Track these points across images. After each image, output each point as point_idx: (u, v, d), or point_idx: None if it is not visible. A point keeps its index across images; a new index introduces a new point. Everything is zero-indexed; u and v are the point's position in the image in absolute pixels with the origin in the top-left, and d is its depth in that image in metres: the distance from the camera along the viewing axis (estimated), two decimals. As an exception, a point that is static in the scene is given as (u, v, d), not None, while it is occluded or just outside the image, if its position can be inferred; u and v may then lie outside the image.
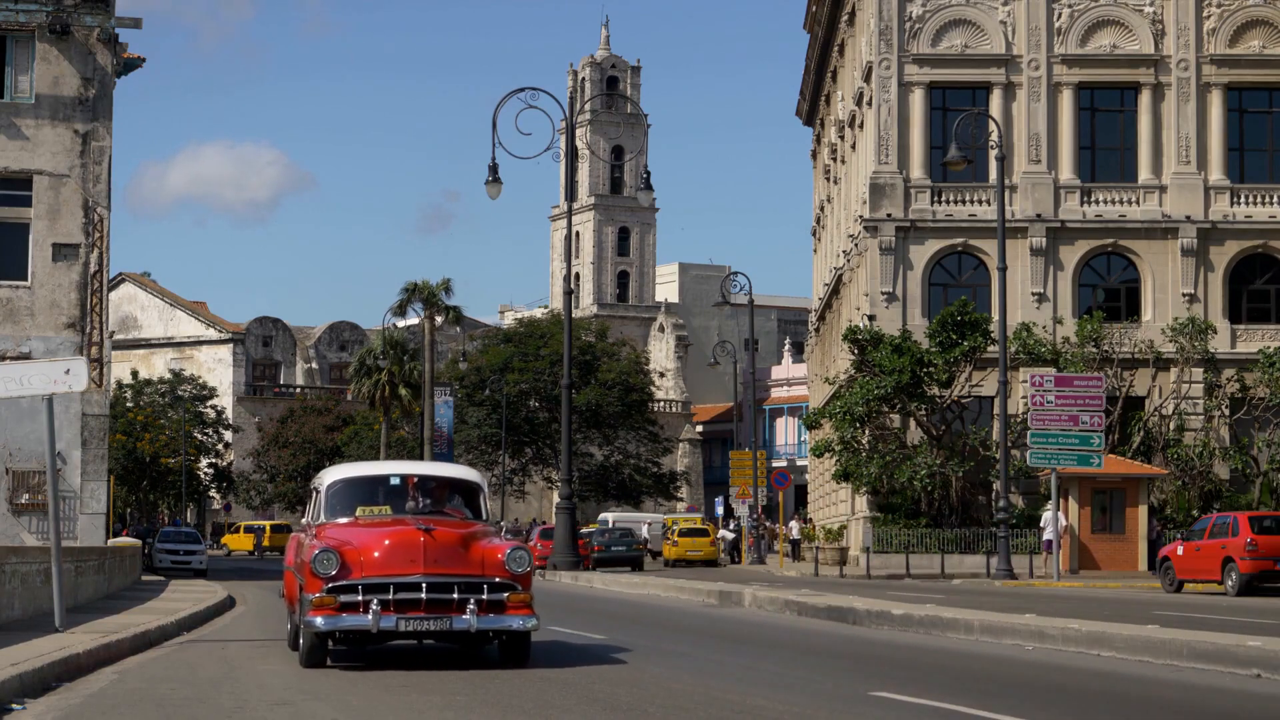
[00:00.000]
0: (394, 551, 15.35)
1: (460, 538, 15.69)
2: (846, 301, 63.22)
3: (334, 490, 17.16)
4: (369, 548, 15.42)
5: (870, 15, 57.42)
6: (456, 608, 15.25)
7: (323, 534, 16.11)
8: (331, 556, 15.23)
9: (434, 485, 17.51)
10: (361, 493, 17.22)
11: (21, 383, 19.37)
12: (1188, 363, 53.76)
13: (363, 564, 15.29)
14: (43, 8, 41.67)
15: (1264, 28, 56.22)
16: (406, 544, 15.39)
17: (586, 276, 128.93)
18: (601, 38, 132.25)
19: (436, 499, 17.25)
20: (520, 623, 15.43)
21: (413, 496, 17.04)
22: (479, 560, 15.49)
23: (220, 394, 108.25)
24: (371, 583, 15.20)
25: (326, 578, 15.19)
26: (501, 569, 15.48)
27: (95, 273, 41.73)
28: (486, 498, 17.52)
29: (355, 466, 19.14)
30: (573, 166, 46.45)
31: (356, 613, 15.12)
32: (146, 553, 52.54)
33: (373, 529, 15.95)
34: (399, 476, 17.45)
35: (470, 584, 15.36)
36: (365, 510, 16.84)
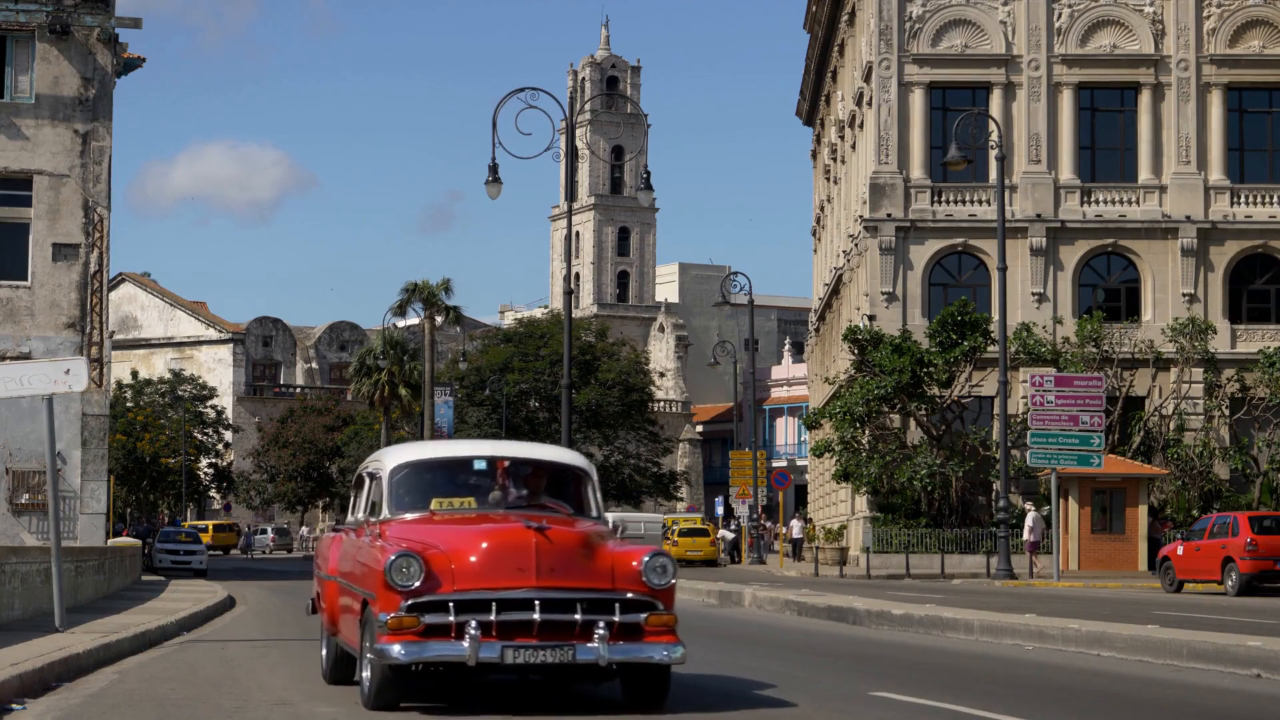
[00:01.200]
0: (497, 557, 11.69)
1: (582, 539, 12.08)
2: (846, 301, 63.21)
3: (401, 476, 13.32)
4: (462, 552, 11.76)
5: (870, 15, 57.42)
6: (580, 633, 11.64)
7: (394, 533, 12.52)
8: (414, 563, 11.55)
9: (529, 472, 13.68)
10: (437, 480, 13.48)
11: (21, 383, 19.36)
12: (1188, 363, 53.75)
13: (455, 574, 11.64)
14: (43, 8, 41.66)
15: (1264, 28, 56.22)
16: (514, 548, 11.73)
17: (586, 276, 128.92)
18: (601, 38, 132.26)
19: (532, 489, 13.53)
20: (663, 652, 11.81)
21: (501, 485, 13.39)
22: (608, 570, 11.89)
23: (220, 394, 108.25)
24: (468, 598, 11.58)
25: (407, 591, 11.54)
26: (637, 581, 11.86)
27: (95, 273, 41.73)
28: (596, 489, 13.63)
29: (427, 446, 14.64)
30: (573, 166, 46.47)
31: (447, 638, 11.53)
32: (146, 553, 52.54)
33: (463, 527, 12.38)
34: (485, 460, 13.61)
35: (598, 601, 11.75)
36: (442, 503, 13.14)
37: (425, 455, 13.93)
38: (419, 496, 13.24)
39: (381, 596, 11.67)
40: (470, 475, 13.52)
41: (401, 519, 12.87)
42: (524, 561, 11.66)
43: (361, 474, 14.30)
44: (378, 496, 13.38)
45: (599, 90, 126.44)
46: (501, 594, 11.62)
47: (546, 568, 11.66)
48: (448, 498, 13.24)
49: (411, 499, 13.19)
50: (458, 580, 11.66)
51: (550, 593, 11.64)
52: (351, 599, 12.87)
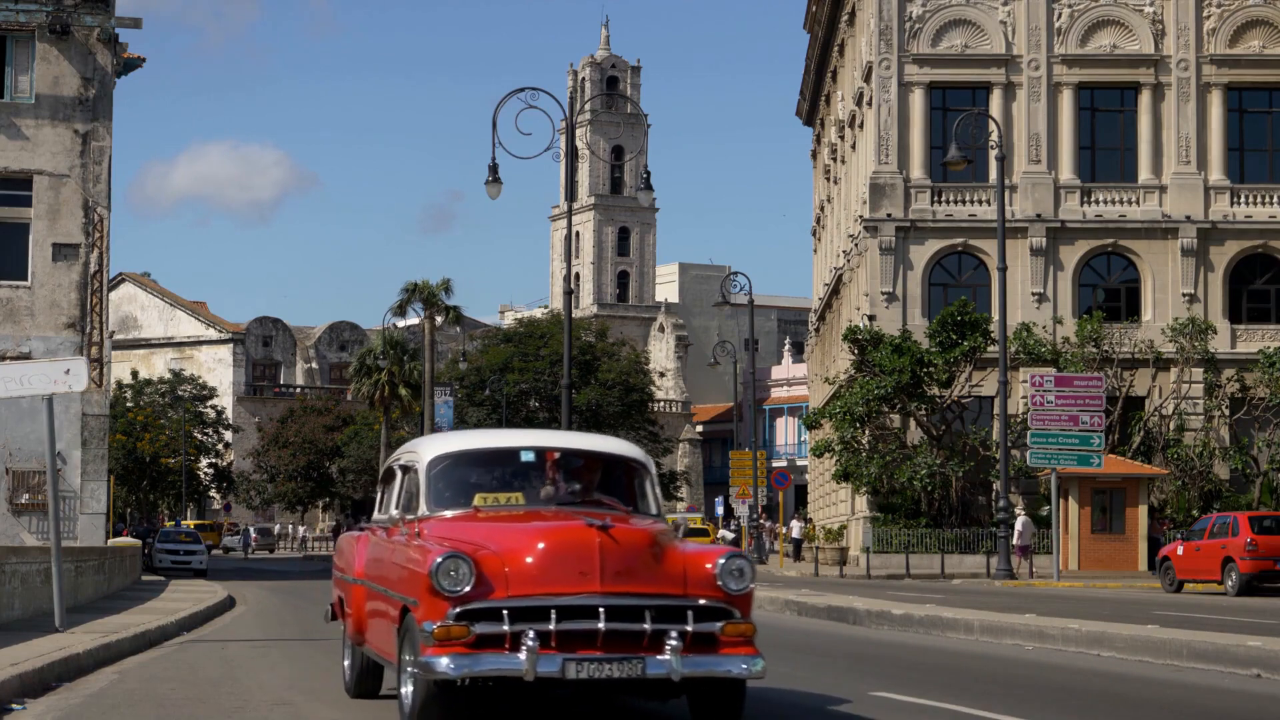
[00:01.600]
0: (557, 559, 10.42)
1: (650, 539, 10.78)
2: (846, 301, 63.21)
3: (440, 469, 12.02)
4: (517, 553, 10.49)
5: (870, 15, 57.42)
6: (650, 644, 10.38)
7: (435, 532, 11.29)
8: (463, 566, 10.26)
9: (581, 464, 12.46)
10: (480, 473, 12.20)
11: (21, 383, 19.36)
12: (1188, 363, 53.75)
13: (508, 578, 10.38)
14: (43, 8, 41.66)
15: (1264, 28, 56.22)
16: (575, 549, 10.45)
17: (586, 276, 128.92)
18: (601, 38, 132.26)
19: (585, 484, 12.31)
20: (741, 665, 10.59)
21: (551, 479, 12.14)
22: (679, 573, 10.64)
23: (220, 394, 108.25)
24: (524, 605, 10.30)
25: (455, 596, 10.25)
26: (712, 586, 10.62)
27: (95, 273, 41.73)
28: (655, 484, 12.41)
29: (467, 436, 13.17)
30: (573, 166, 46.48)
31: (500, 650, 10.24)
32: (146, 553, 52.55)
33: (516, 525, 11.10)
34: (533, 451, 12.31)
35: (670, 608, 10.50)
36: (487, 498, 11.91)
37: (467, 446, 12.49)
38: (460, 491, 11.93)
39: (426, 603, 10.35)
40: (517, 468, 12.21)
41: (441, 516, 11.59)
42: (587, 564, 10.36)
43: (392, 467, 13.02)
44: (413, 491, 12.10)
45: (599, 90, 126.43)
46: (562, 600, 10.28)
47: (611, 571, 10.36)
48: (492, 493, 11.96)
49: (452, 494, 11.88)
50: (512, 585, 10.34)
51: (616, 599, 10.32)
52: (385, 604, 11.63)
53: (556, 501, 11.89)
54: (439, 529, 11.31)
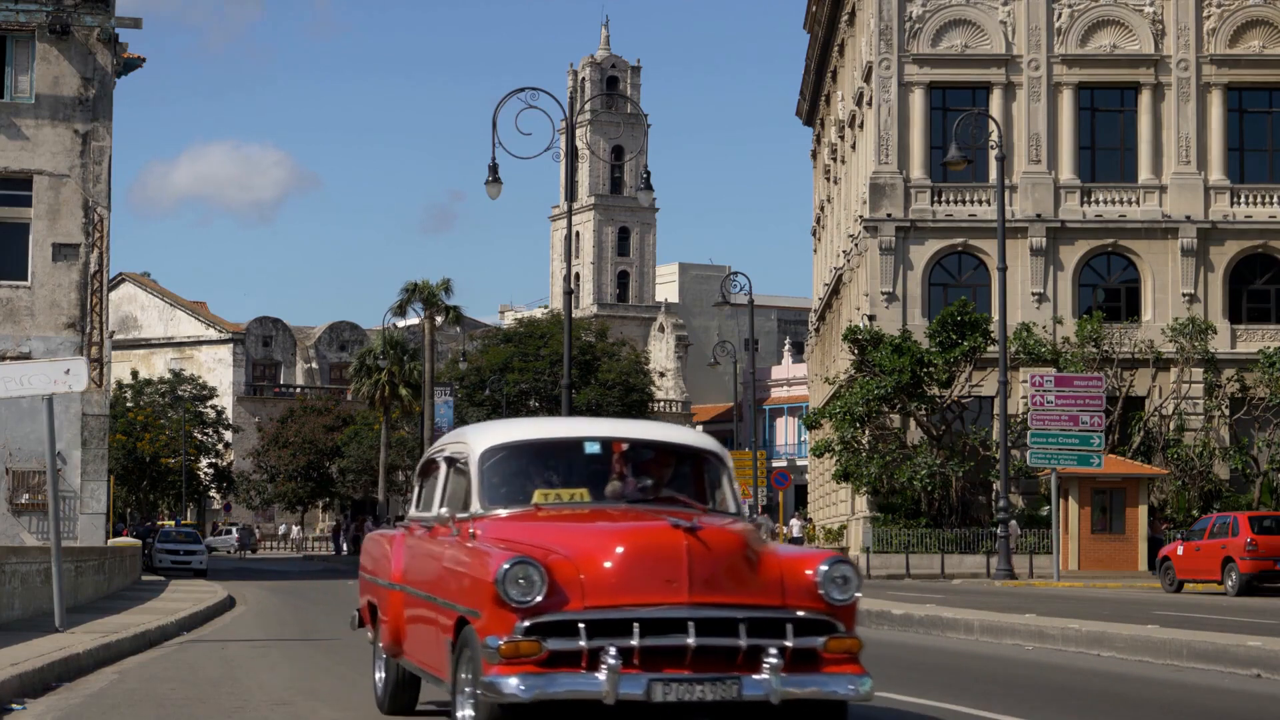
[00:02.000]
0: (639, 565, 9.11)
1: (742, 542, 9.45)
2: (846, 301, 63.22)
3: (494, 462, 10.71)
4: (594, 558, 9.18)
5: (870, 15, 57.43)
6: (745, 662, 9.12)
7: (492, 532, 10.05)
8: (535, 573, 8.99)
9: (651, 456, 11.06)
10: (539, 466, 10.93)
11: (21, 383, 19.36)
12: (1188, 363, 53.75)
13: (584, 586, 9.10)
14: (43, 8, 41.67)
15: (1264, 28, 56.23)
16: (660, 553, 9.14)
17: (586, 276, 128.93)
18: (601, 38, 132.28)
19: (656, 479, 10.90)
20: (848, 686, 9.35)
21: (619, 473, 10.77)
22: (776, 581, 9.36)
23: (220, 394, 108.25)
24: (604, 618, 9.02)
25: (526, 608, 8.98)
26: (813, 596, 9.36)
27: (95, 273, 41.74)
28: (733, 479, 11.08)
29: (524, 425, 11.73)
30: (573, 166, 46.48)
31: (577, 669, 8.98)
32: (146, 553, 52.56)
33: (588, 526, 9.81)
34: (599, 442, 10.94)
35: (766, 621, 9.23)
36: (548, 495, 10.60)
37: (524, 436, 11.14)
38: (518, 487, 10.63)
39: (490, 614, 9.06)
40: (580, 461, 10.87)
41: (495, 515, 10.29)
42: (673, 570, 9.06)
43: (434, 459, 11.73)
44: (462, 487, 10.78)
45: (599, 90, 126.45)
46: (646, 612, 9.00)
47: (701, 579, 9.07)
48: (553, 489, 10.65)
49: (509, 490, 10.59)
50: (588, 595, 9.06)
51: (707, 610, 9.06)
52: (433, 613, 10.34)
53: (625, 499, 10.56)
54: (496, 530, 10.06)
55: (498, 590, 8.97)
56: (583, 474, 10.79)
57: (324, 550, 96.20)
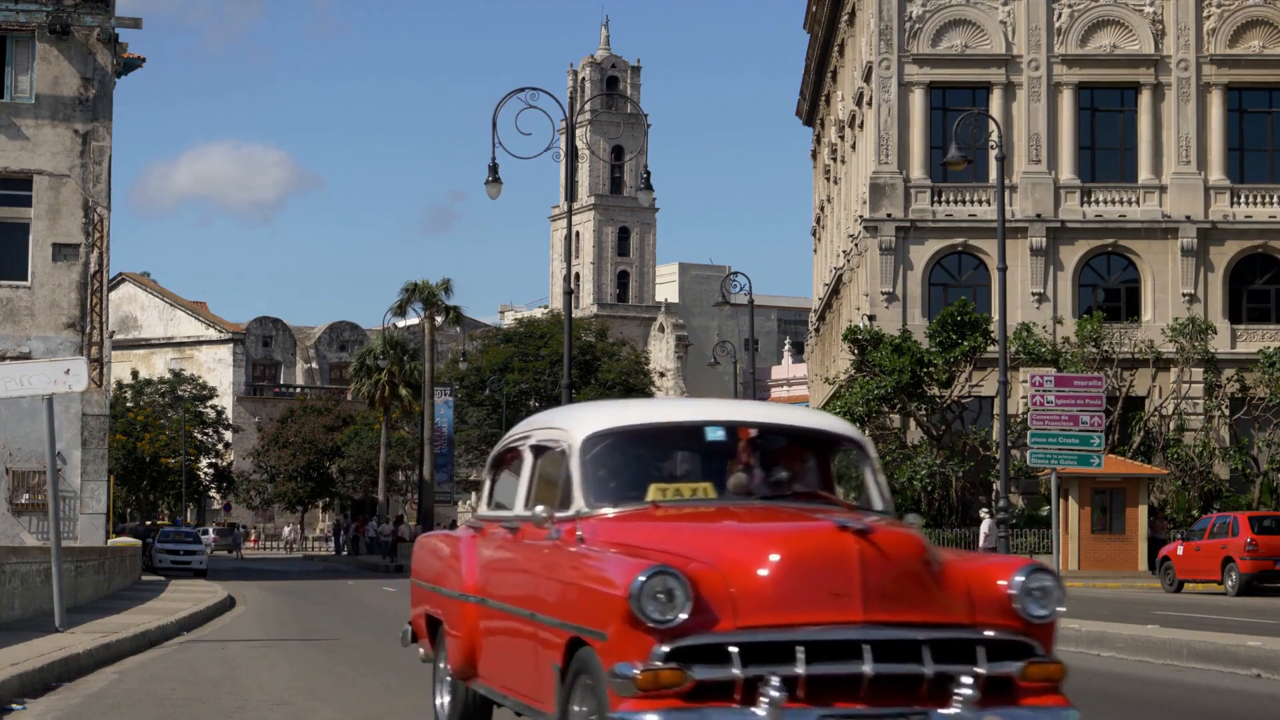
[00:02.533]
0: (802, 576, 7.49)
1: (920, 548, 7.78)
2: (846, 301, 63.22)
3: (600, 451, 8.95)
4: (743, 567, 7.53)
5: (870, 15, 57.42)
6: (930, 693, 7.54)
7: (606, 535, 8.39)
8: (677, 585, 7.35)
9: (784, 444, 9.38)
10: (654, 455, 9.27)
11: (21, 383, 19.36)
12: (1188, 363, 53.75)
13: (735, 601, 7.46)
14: (43, 8, 41.67)
15: (1264, 28, 56.22)
16: (827, 561, 7.53)
17: (586, 276, 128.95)
18: (601, 38, 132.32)
19: (791, 471, 9.25)
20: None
21: (745, 464, 9.03)
22: (963, 594, 7.76)
23: (220, 394, 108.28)
24: (761, 640, 7.38)
25: (667, 628, 7.35)
26: (1007, 611, 7.79)
27: (95, 273, 41.74)
28: (879, 471, 9.36)
29: (630, 407, 9.86)
30: (573, 166, 46.40)
31: (729, 702, 7.37)
32: (146, 553, 52.56)
33: (725, 527, 8.10)
34: (724, 427, 9.12)
35: (955, 643, 7.63)
36: (665, 490, 8.88)
37: (635, 420, 9.36)
38: (629, 481, 8.96)
39: (620, 635, 7.45)
40: (700, 449, 9.19)
41: (602, 515, 8.59)
42: (844, 582, 7.46)
43: (515, 448, 10.03)
44: (559, 481, 9.06)
45: (599, 90, 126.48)
46: (813, 633, 7.39)
47: (877, 592, 7.48)
48: (671, 483, 8.99)
49: (619, 485, 8.90)
50: (741, 612, 7.41)
51: (886, 630, 7.47)
52: (530, 631, 8.64)
53: (753, 495, 8.89)
54: (608, 532, 8.39)
55: (632, 606, 7.29)
56: (703, 465, 9.16)
57: (322, 550, 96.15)
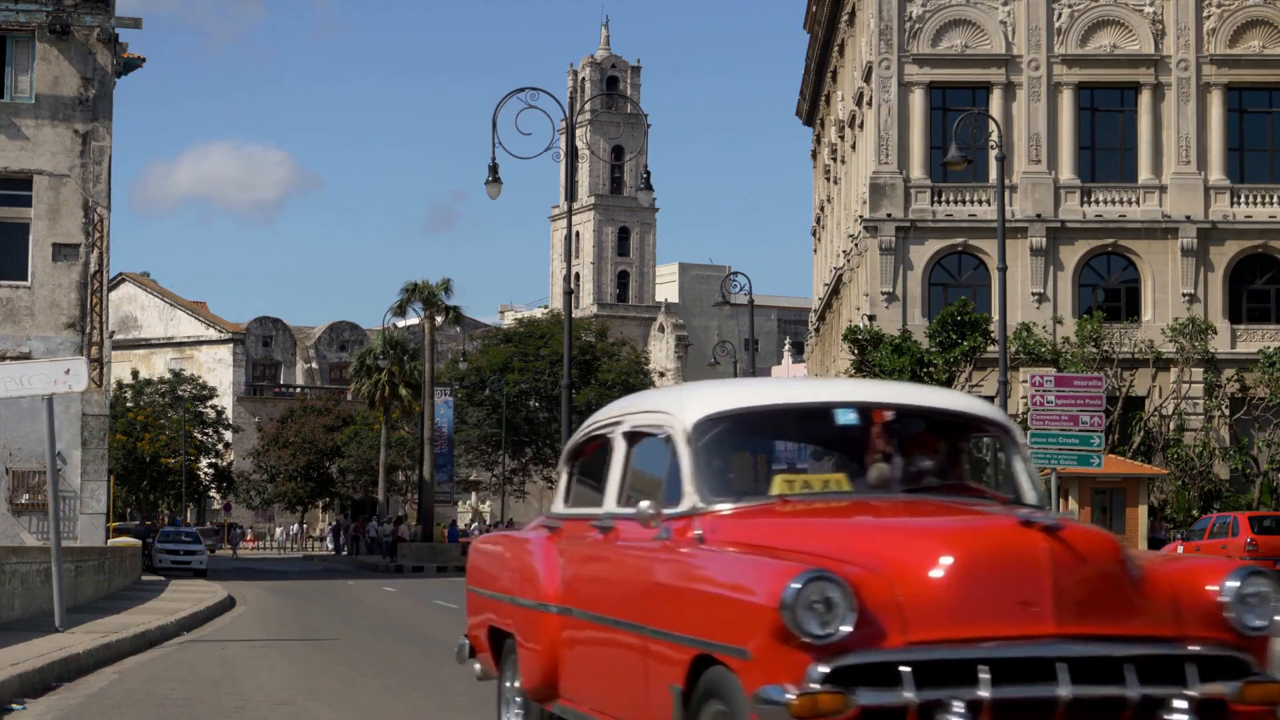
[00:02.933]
0: (981, 581, 6.36)
1: (1115, 548, 6.67)
2: (846, 301, 63.23)
3: (717, 436, 7.75)
4: (912, 571, 6.42)
5: (870, 15, 57.42)
6: (1136, 718, 6.39)
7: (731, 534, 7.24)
8: (837, 593, 6.26)
9: (923, 429, 8.14)
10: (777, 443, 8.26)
11: (22, 383, 19.36)
12: (1188, 363, 53.75)
13: (905, 612, 6.34)
14: (43, 8, 41.68)
15: (1264, 28, 56.22)
16: (1011, 564, 6.39)
17: (586, 276, 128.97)
18: (601, 38, 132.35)
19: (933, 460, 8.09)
20: None
21: (881, 452, 7.84)
22: (1168, 603, 6.63)
23: (220, 394, 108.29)
24: (937, 657, 6.28)
25: (826, 644, 6.24)
26: (1217, 623, 6.63)
27: (95, 273, 41.74)
28: (1028, 460, 8.14)
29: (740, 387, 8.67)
30: (573, 166, 46.36)
31: None
32: (146, 553, 52.56)
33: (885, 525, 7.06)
34: (854, 408, 7.90)
35: (1162, 660, 6.51)
36: (792, 482, 7.74)
37: (754, 401, 8.08)
38: (750, 472, 7.96)
39: (768, 653, 6.27)
40: (828, 435, 8.01)
41: (718, 512, 7.41)
42: (1032, 589, 6.31)
43: (603, 435, 8.75)
44: (664, 472, 7.83)
45: (599, 90, 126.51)
46: (999, 649, 6.24)
47: (1071, 600, 6.33)
48: (799, 474, 7.91)
49: (739, 476, 7.84)
50: (912, 625, 6.28)
51: (1083, 645, 6.32)
52: (638, 646, 7.38)
53: (895, 488, 7.73)
54: (732, 530, 7.24)
55: (784, 618, 6.16)
56: (832, 453, 8.05)
57: (318, 550, 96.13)
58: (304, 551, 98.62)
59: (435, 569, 60.53)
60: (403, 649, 19.90)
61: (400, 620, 27.36)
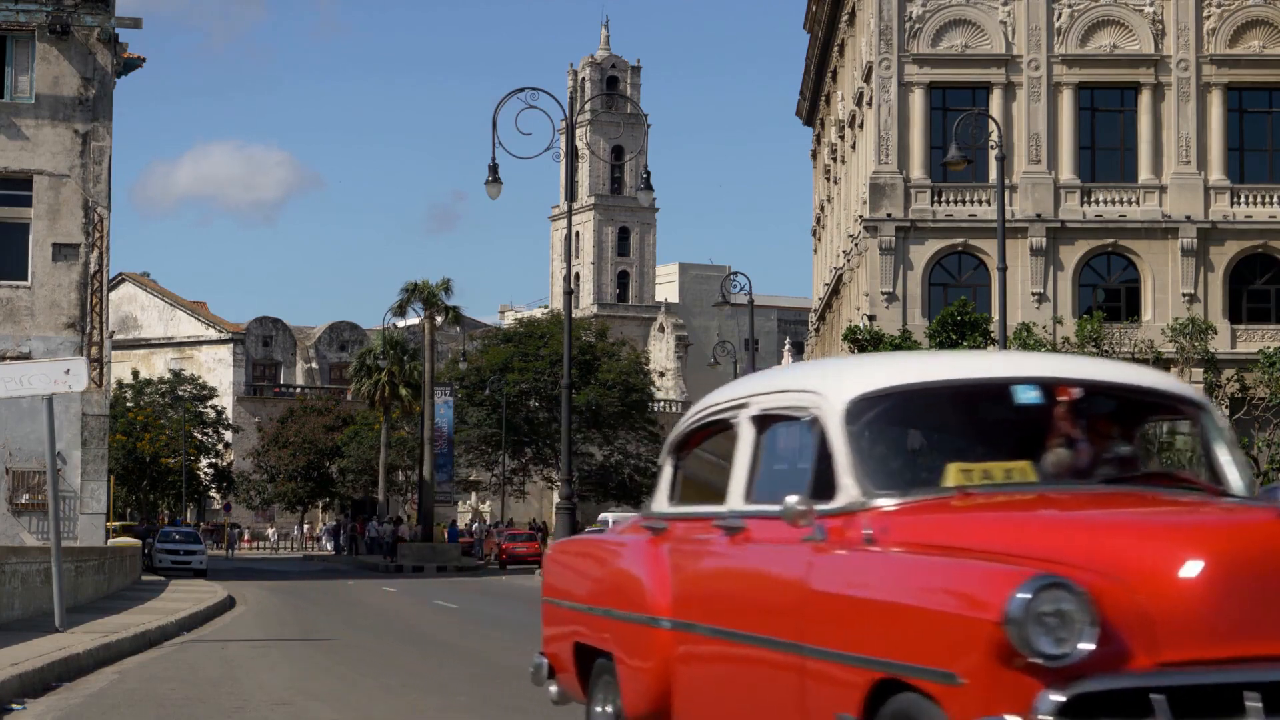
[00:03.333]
0: (1242, 589, 5.30)
1: None
2: (846, 301, 63.23)
3: (876, 419, 6.67)
4: (1158, 577, 5.34)
5: (870, 15, 57.42)
6: None
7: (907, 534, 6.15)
8: (1074, 605, 5.19)
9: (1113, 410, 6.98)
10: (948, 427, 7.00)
11: (22, 383, 19.36)
12: (1188, 363, 53.74)
13: (1154, 627, 5.28)
14: (43, 8, 41.68)
15: (1264, 28, 56.22)
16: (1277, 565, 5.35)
17: (586, 276, 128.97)
18: (601, 38, 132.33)
19: (1128, 445, 6.92)
20: None
21: (1065, 436, 6.68)
22: None
23: (220, 394, 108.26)
24: (1196, 682, 5.26)
25: (1063, 665, 5.17)
26: None
27: (95, 273, 41.74)
28: (1234, 444, 7.02)
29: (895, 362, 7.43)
30: (573, 166, 46.36)
31: None
32: (146, 553, 52.55)
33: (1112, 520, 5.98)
34: (1037, 386, 6.76)
35: None
36: (970, 472, 6.52)
37: (917, 378, 6.83)
38: (918, 460, 6.81)
39: (986, 676, 5.25)
40: (1004, 417, 6.82)
41: (880, 507, 6.27)
42: None
43: (725, 421, 7.49)
44: (810, 461, 6.64)
45: (599, 90, 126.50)
46: (1270, 671, 5.29)
47: None
48: (977, 463, 6.53)
49: (905, 465, 6.71)
50: (1163, 642, 5.27)
51: None
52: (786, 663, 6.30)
53: (1088, 477, 6.58)
54: (910, 529, 6.12)
55: (1009, 634, 5.16)
56: (1009, 438, 6.76)
57: (320, 550, 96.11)
58: (303, 552, 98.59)
59: (435, 569, 60.53)
60: (403, 649, 19.89)
61: (400, 620, 27.36)
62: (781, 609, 6.39)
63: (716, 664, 6.97)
